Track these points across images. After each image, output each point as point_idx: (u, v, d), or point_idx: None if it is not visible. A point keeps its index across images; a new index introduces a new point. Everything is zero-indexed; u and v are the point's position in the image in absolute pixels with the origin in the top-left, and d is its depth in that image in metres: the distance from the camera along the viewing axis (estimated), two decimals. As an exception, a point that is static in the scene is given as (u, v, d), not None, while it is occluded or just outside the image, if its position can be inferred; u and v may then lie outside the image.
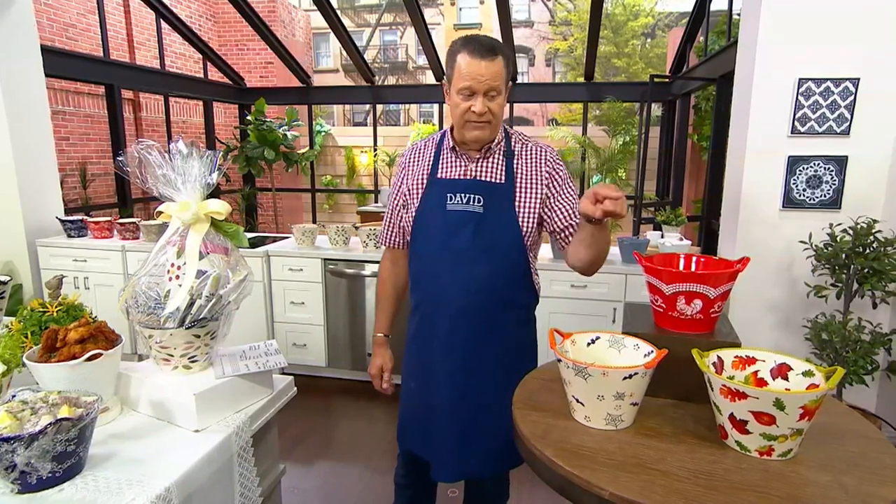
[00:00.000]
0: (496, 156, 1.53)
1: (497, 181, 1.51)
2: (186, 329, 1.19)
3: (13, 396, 1.01)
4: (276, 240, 3.85)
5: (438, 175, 1.55)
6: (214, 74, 7.50)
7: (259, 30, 6.67)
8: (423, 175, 1.57)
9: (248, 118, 6.90)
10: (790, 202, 2.66)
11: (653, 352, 1.13)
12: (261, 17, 6.65)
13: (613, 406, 1.05)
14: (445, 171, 1.54)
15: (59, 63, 4.74)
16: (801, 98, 2.56)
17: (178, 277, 1.21)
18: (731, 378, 1.05)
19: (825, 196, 2.62)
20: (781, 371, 1.07)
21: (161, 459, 1.04)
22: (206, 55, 7.08)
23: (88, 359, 1.08)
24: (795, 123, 2.59)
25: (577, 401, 1.08)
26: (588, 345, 1.21)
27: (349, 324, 3.56)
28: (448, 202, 1.50)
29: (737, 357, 1.10)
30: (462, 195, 1.49)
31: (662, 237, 3.44)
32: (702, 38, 5.76)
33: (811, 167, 2.61)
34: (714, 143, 4.80)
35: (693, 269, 1.32)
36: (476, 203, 1.48)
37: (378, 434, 3.03)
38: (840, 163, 2.58)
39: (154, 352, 1.22)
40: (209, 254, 1.25)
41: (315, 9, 6.39)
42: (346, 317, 3.56)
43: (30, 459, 0.89)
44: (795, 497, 0.87)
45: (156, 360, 1.25)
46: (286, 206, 9.15)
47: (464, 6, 20.35)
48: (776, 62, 2.58)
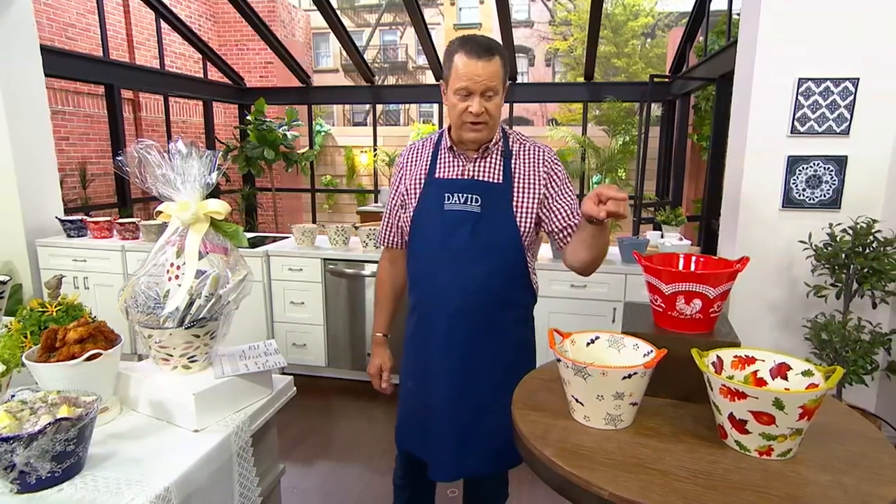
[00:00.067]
0: (494, 156, 1.53)
1: (495, 181, 1.51)
2: (186, 329, 1.19)
3: (12, 396, 1.01)
4: (276, 240, 3.85)
5: (436, 175, 1.55)
6: (214, 74, 7.50)
7: (259, 30, 6.67)
8: (421, 175, 1.57)
9: (248, 118, 6.90)
10: (790, 202, 2.66)
11: (652, 351, 1.13)
12: (260, 17, 6.65)
13: (613, 406, 1.05)
14: (443, 171, 1.54)
15: (59, 63, 4.74)
16: (801, 98, 2.56)
17: (178, 277, 1.21)
18: (731, 378, 1.05)
19: (825, 196, 2.62)
20: (781, 371, 1.07)
21: (160, 459, 1.04)
22: (206, 55, 7.08)
23: (88, 359, 1.08)
24: (795, 123, 2.59)
25: (577, 400, 1.09)
26: (587, 344, 1.21)
27: (349, 324, 3.56)
28: (446, 202, 1.50)
29: (736, 357, 1.10)
30: (460, 195, 1.49)
31: (662, 237, 3.44)
32: (701, 38, 5.77)
33: (811, 167, 2.61)
34: (714, 143, 4.80)
35: (692, 269, 1.32)
36: (474, 203, 1.48)
37: (378, 434, 3.03)
38: (840, 163, 2.58)
39: (153, 352, 1.23)
40: (208, 253, 1.25)
41: (315, 9, 6.39)
42: (346, 317, 3.56)
43: (29, 459, 0.89)
44: (795, 497, 0.87)
45: (155, 360, 1.25)
46: (286, 206, 9.15)
47: (464, 6, 20.35)
48: (776, 62, 2.58)
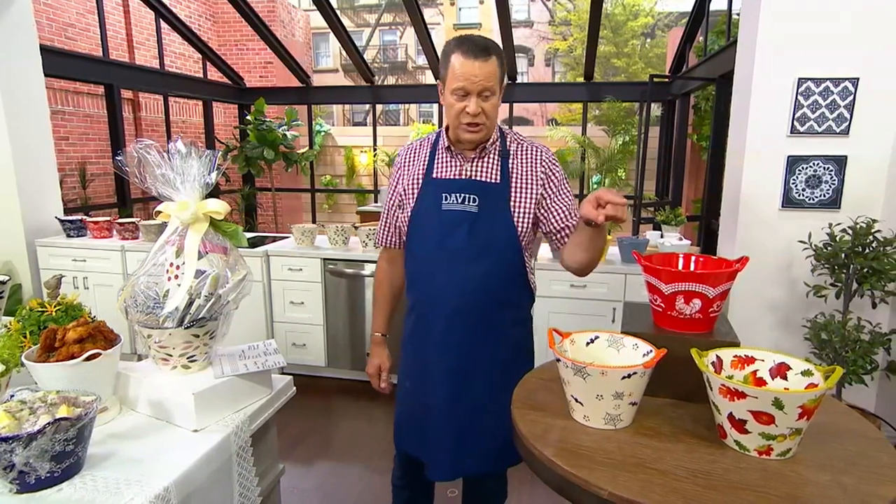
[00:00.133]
0: (491, 155, 1.53)
1: (492, 181, 1.51)
2: (185, 329, 1.19)
3: (12, 396, 1.01)
4: (276, 240, 3.85)
5: (434, 175, 1.54)
6: (214, 74, 7.50)
7: (258, 30, 6.67)
8: (419, 175, 1.57)
9: (248, 118, 6.89)
10: (789, 202, 2.66)
11: (652, 351, 1.13)
12: (260, 17, 6.65)
13: (612, 405, 1.05)
14: (441, 171, 1.54)
15: (59, 63, 4.74)
16: (801, 98, 2.56)
17: (177, 277, 1.21)
18: (730, 377, 1.05)
19: (824, 196, 2.62)
20: (780, 370, 1.07)
21: (160, 459, 1.04)
22: (206, 55, 7.08)
23: (87, 358, 1.08)
24: (795, 123, 2.59)
25: (576, 400, 1.08)
26: (587, 344, 1.21)
27: (348, 323, 3.56)
28: (443, 202, 1.50)
29: (736, 356, 1.10)
30: (457, 195, 1.49)
31: (662, 237, 3.44)
32: (701, 38, 5.77)
33: (810, 167, 2.61)
34: (713, 143, 4.80)
35: (692, 269, 1.32)
36: (471, 203, 1.48)
37: (377, 434, 3.03)
38: (839, 162, 2.58)
39: (153, 351, 1.22)
40: (208, 253, 1.25)
41: (314, 9, 6.39)
42: (346, 316, 3.55)
43: (28, 459, 0.88)
44: (794, 496, 0.87)
45: (155, 360, 1.25)
46: (286, 206, 9.15)
47: (463, 6, 20.35)
48: (776, 62, 2.58)
